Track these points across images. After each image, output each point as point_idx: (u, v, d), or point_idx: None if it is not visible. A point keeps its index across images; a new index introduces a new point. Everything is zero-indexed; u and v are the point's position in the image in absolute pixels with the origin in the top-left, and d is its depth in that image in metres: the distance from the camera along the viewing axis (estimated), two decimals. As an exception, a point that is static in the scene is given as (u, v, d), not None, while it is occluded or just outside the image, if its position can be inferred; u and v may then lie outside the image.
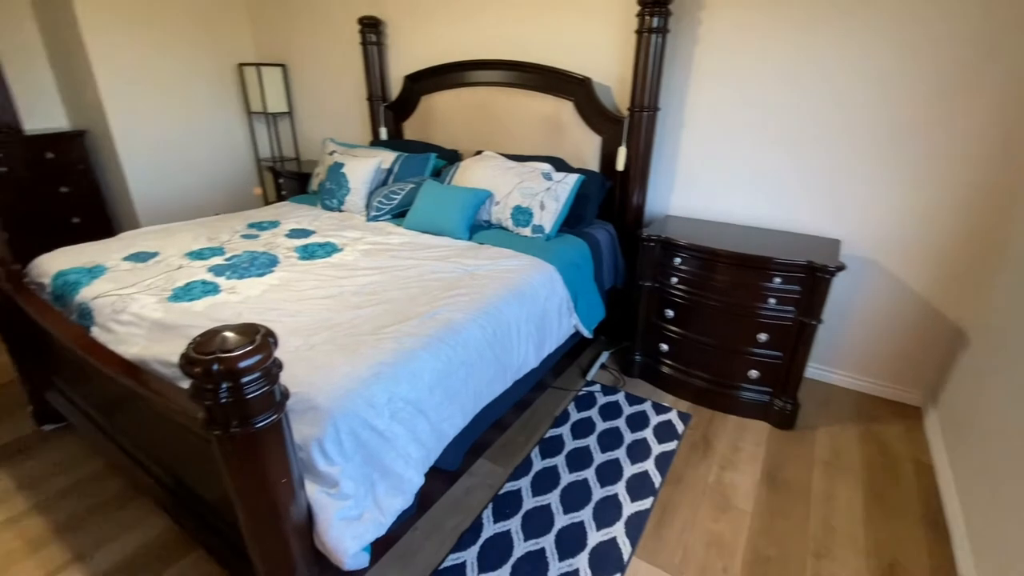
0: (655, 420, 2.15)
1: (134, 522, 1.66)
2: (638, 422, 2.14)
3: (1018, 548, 1.27)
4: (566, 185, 2.19)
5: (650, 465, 1.91)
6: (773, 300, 1.98)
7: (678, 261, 2.13)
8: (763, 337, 2.03)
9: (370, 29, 3.00)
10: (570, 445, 2.00)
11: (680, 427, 2.12)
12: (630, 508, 1.72)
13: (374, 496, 1.19)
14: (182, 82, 3.53)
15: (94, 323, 1.55)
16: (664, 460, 1.93)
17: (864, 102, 2.01)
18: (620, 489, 1.79)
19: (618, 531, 1.63)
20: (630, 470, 1.88)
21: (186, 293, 1.61)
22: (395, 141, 3.08)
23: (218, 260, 1.90)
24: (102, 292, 1.62)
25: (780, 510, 1.75)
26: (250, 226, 2.33)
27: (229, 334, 0.87)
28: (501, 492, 1.78)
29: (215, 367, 0.81)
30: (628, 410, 2.21)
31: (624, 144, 2.35)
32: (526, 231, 2.20)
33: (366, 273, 1.84)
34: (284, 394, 0.95)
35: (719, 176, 2.38)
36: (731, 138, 2.30)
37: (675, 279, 2.16)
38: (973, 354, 1.92)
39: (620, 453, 1.96)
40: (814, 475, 1.90)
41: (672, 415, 2.19)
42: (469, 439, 1.61)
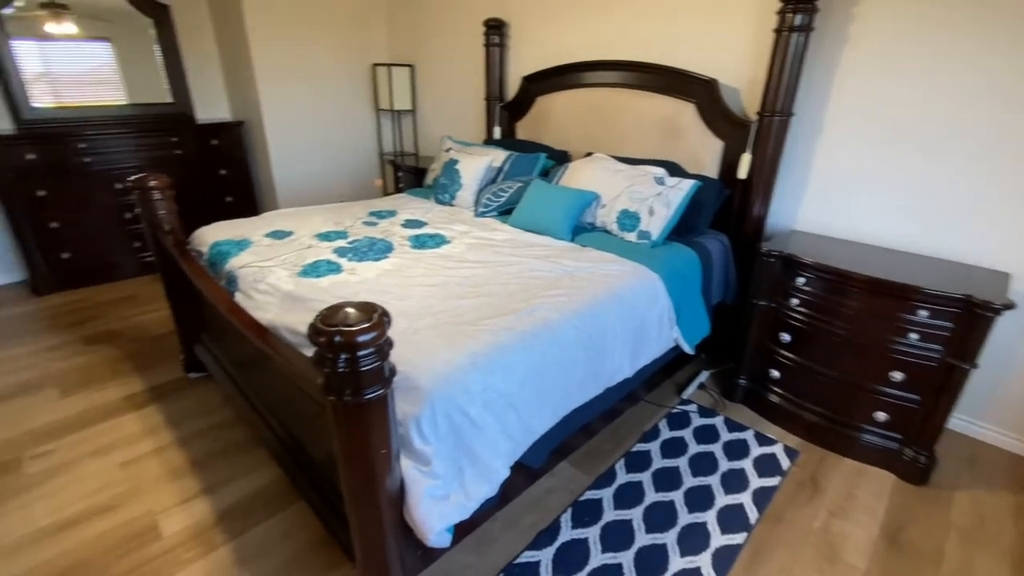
0: (756, 451, 1.99)
1: (252, 468, 1.87)
2: (737, 450, 1.98)
3: None
4: (680, 191, 2.09)
5: (746, 498, 1.76)
6: (915, 336, 1.73)
7: (801, 281, 1.94)
8: (897, 376, 1.78)
9: (494, 31, 3.10)
10: (658, 463, 1.91)
11: (785, 462, 1.93)
12: (719, 540, 1.60)
13: (461, 480, 1.23)
14: (323, 81, 3.91)
15: (238, 289, 1.77)
16: (763, 495, 1.78)
17: (1059, 112, 1.69)
18: (710, 518, 1.68)
19: (703, 561, 1.53)
20: (723, 500, 1.75)
21: (313, 270, 1.78)
22: (507, 140, 3.15)
23: (342, 243, 2.07)
24: (247, 263, 1.84)
25: (901, 575, 1.53)
26: (371, 214, 2.52)
27: (351, 310, 0.94)
28: (582, 498, 1.75)
29: (337, 339, 0.88)
30: (726, 436, 2.06)
31: (749, 150, 2.19)
32: (631, 236, 2.14)
33: (470, 266, 1.91)
34: (392, 371, 1.01)
35: (858, 190, 2.13)
36: (877, 148, 2.05)
37: (795, 300, 1.97)
38: None
39: (713, 480, 1.84)
40: (948, 542, 1.64)
41: (777, 448, 2.00)
42: (555, 439, 1.60)
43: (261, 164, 3.98)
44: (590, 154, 2.59)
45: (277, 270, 1.77)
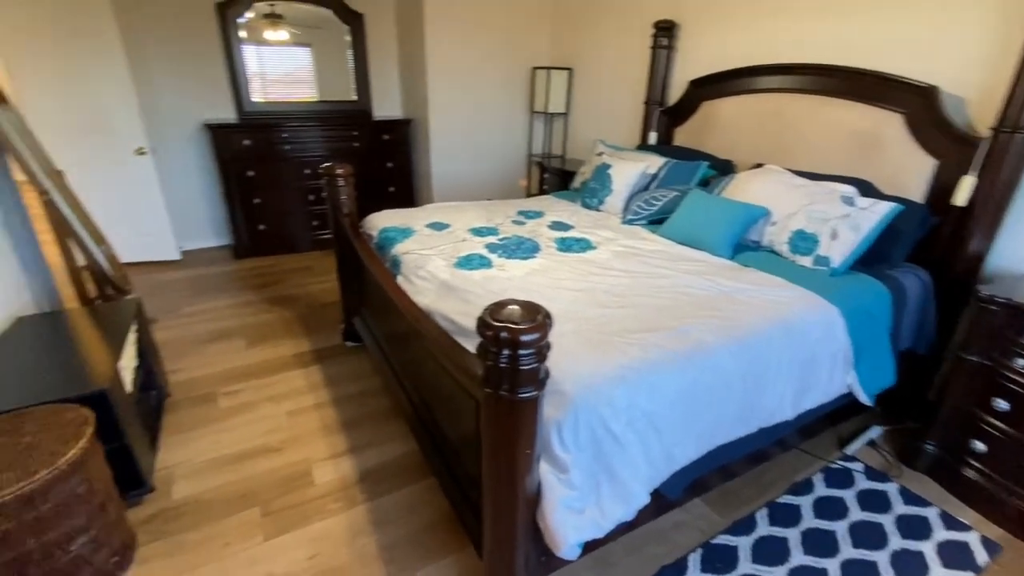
0: (941, 534, 1.64)
1: (392, 436, 2.02)
2: (914, 529, 1.66)
3: None
4: (873, 214, 1.80)
5: (926, 589, 1.46)
6: None
7: (1034, 338, 1.56)
8: None
9: (664, 33, 2.97)
10: (809, 522, 1.67)
11: (982, 556, 1.57)
12: (887, 631, 1.35)
13: (598, 496, 1.18)
14: (485, 82, 4.10)
15: (400, 273, 1.92)
16: (950, 591, 1.46)
17: None
18: (875, 601, 1.42)
19: (864, 652, 1.30)
20: (893, 584, 1.48)
21: (467, 262, 1.86)
22: (663, 147, 3.01)
23: (493, 239, 2.15)
24: (410, 249, 1.99)
25: None
26: (520, 213, 2.57)
27: (516, 308, 0.94)
28: (714, 541, 1.59)
29: (503, 335, 0.89)
30: (901, 508, 1.73)
31: (974, 172, 1.81)
32: (805, 260, 1.89)
33: (616, 274, 1.84)
34: (547, 374, 1.00)
35: None
36: None
37: (1022, 361, 1.58)
38: None
39: (880, 557, 1.55)
40: None
41: (971, 537, 1.63)
42: (694, 473, 1.48)
43: (421, 158, 4.31)
44: (760, 165, 2.36)
45: (436, 259, 1.89)
